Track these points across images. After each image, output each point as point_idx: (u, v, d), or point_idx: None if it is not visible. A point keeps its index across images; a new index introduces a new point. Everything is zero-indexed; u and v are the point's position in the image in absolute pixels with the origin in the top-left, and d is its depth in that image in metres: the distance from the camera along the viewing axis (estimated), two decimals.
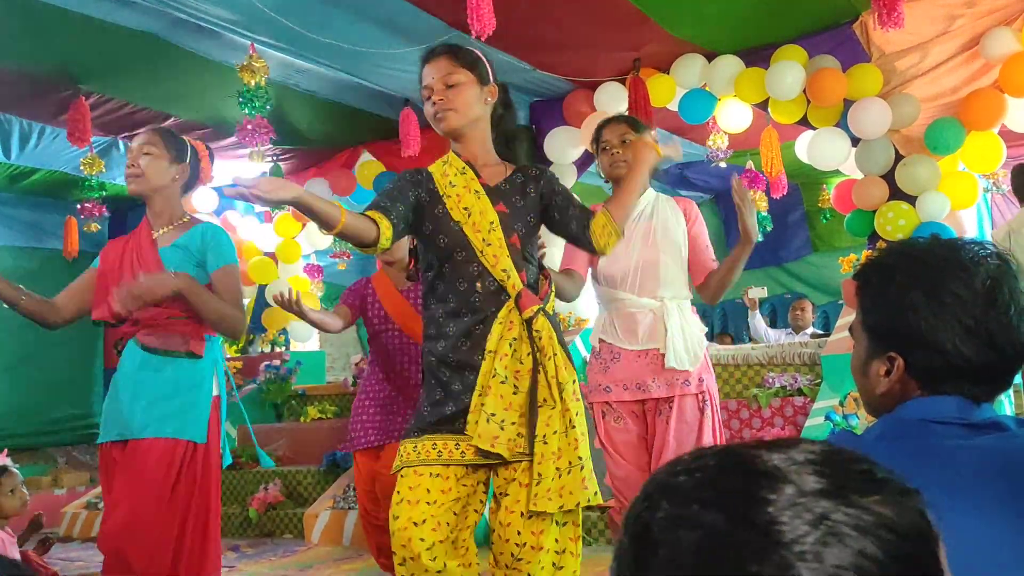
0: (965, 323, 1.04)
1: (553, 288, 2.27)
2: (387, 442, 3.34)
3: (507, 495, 2.07)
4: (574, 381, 2.12)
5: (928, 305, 1.05)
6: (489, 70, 2.21)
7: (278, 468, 5.63)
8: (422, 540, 1.99)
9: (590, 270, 2.87)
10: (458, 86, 2.13)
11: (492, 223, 2.12)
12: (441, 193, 2.17)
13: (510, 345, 2.08)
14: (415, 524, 2.00)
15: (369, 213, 2.05)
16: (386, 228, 2.04)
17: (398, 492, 2.07)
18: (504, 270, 2.11)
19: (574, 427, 2.07)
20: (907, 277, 1.08)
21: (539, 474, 2.02)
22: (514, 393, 2.07)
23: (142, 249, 2.59)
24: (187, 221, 2.65)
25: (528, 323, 2.09)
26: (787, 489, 0.54)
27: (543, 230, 2.30)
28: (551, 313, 2.18)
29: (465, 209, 2.14)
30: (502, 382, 2.06)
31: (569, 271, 2.77)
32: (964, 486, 0.94)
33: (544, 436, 2.04)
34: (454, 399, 2.09)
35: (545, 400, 2.07)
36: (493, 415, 2.05)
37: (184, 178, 2.66)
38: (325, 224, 1.96)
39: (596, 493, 2.06)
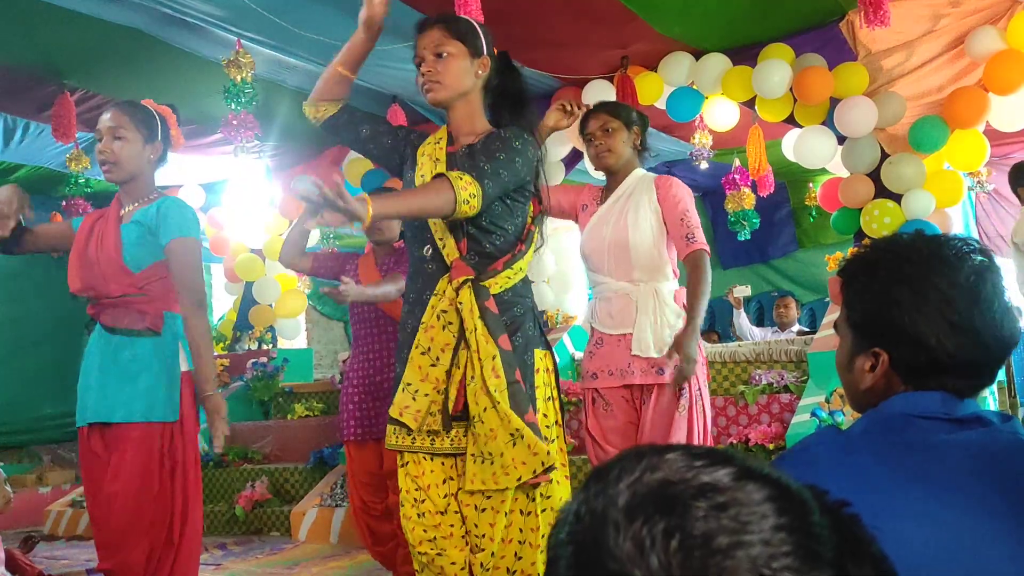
0: (949, 318, 1.04)
1: (519, 263, 2.15)
2: (375, 437, 3.32)
3: (461, 488, 2.09)
4: (494, 357, 2.03)
5: (912, 300, 1.06)
6: (483, 42, 2.18)
7: (265, 466, 5.62)
8: (424, 531, 2.07)
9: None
10: (447, 57, 2.11)
11: None
12: (415, 160, 2.21)
13: (438, 317, 2.08)
14: (418, 515, 2.08)
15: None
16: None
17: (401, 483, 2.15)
18: (440, 239, 2.12)
19: (499, 402, 2.01)
20: (891, 272, 1.09)
21: (489, 453, 2.01)
22: (432, 365, 2.08)
23: (107, 227, 2.55)
24: (153, 197, 2.59)
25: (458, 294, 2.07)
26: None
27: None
28: (505, 288, 2.11)
29: (422, 176, 2.16)
30: (423, 353, 2.09)
31: None
32: (948, 480, 0.94)
33: (478, 416, 2.03)
34: (402, 365, 2.15)
35: (473, 377, 2.05)
36: (409, 385, 2.08)
37: (159, 154, 2.61)
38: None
39: (549, 453, 1.99)
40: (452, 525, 2.08)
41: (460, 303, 2.05)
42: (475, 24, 2.21)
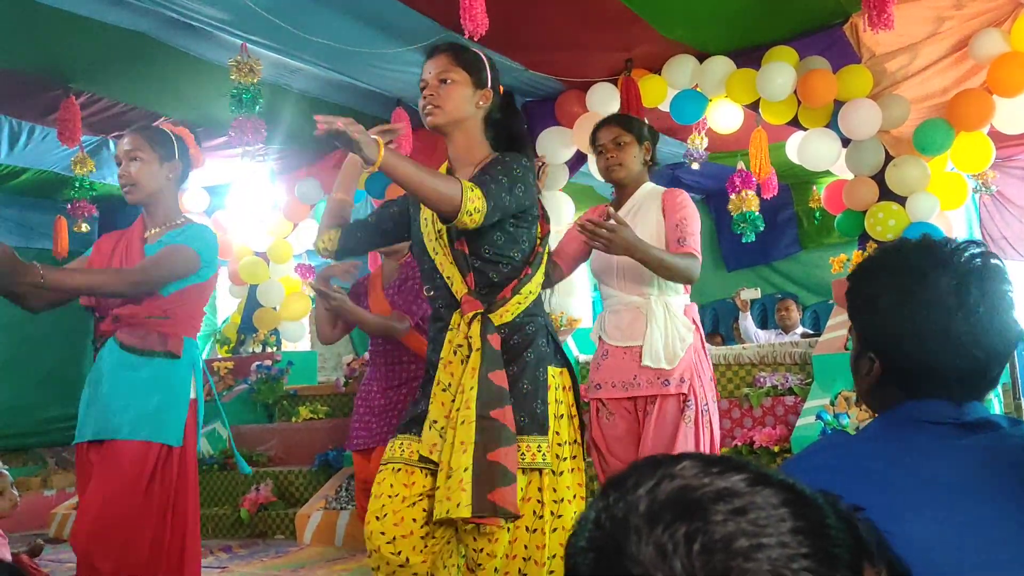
0: (931, 328, 1.02)
1: (527, 287, 2.16)
2: (376, 445, 3.35)
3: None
4: (472, 388, 2.02)
5: (895, 310, 1.05)
6: (489, 75, 2.20)
7: (270, 469, 5.62)
8: (383, 533, 2.04)
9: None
10: (450, 84, 2.14)
11: (440, 231, 2.15)
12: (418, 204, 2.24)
13: (455, 352, 2.10)
14: (376, 518, 2.06)
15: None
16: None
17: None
18: (448, 277, 2.14)
19: (454, 430, 2.01)
20: (879, 280, 1.08)
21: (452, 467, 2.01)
22: (453, 401, 2.08)
23: (131, 246, 2.59)
24: (180, 223, 2.64)
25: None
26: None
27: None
28: (516, 316, 2.12)
29: (426, 219, 2.20)
30: (443, 389, 2.10)
31: (553, 262, 2.74)
32: (958, 484, 0.94)
33: (452, 442, 2.02)
34: (427, 399, 2.15)
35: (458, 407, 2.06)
36: (435, 422, 2.09)
37: (177, 173, 2.65)
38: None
39: (459, 505, 1.91)
40: (400, 512, 2.05)
41: (470, 336, 2.07)
42: (483, 57, 2.22)
